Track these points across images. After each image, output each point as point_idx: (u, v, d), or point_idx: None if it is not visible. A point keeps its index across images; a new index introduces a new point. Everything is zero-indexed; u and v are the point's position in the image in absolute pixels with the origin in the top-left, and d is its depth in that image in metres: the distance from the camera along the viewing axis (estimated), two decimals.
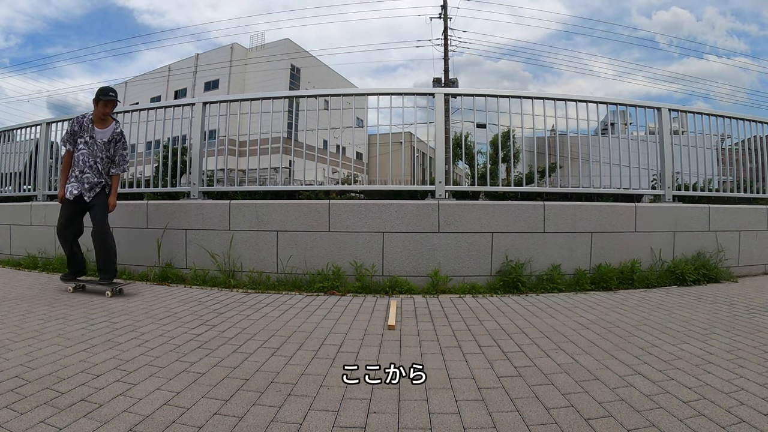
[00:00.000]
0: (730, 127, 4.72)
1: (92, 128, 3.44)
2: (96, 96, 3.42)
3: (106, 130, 3.49)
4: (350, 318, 2.75)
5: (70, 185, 3.40)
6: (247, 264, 3.86)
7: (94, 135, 3.44)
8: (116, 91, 3.53)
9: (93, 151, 3.43)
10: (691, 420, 1.41)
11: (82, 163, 3.41)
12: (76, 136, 3.45)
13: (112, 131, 3.51)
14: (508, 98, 4.08)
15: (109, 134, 3.48)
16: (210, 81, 33.24)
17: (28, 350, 2.04)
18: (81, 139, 3.44)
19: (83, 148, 3.43)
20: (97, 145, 3.44)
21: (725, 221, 4.34)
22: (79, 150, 3.43)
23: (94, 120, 3.46)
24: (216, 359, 1.98)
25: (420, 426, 1.40)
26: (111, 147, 3.50)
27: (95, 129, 3.45)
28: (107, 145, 3.48)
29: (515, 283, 3.54)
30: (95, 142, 3.43)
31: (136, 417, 1.42)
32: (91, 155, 3.42)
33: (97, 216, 3.41)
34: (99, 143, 3.44)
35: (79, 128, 3.45)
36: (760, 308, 2.97)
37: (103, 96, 3.40)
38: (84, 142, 3.43)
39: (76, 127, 3.45)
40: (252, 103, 4.25)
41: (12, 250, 5.04)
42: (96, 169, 3.43)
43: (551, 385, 1.71)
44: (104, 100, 3.40)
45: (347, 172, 4.70)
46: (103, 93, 3.41)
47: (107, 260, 3.40)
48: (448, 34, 21.27)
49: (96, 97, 3.41)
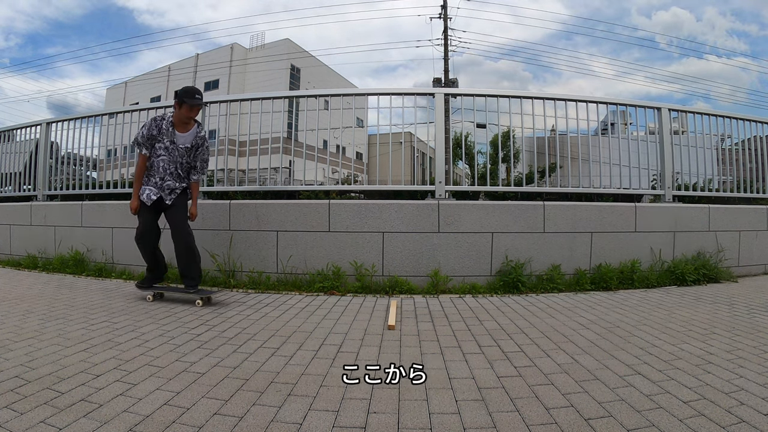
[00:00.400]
0: (730, 127, 4.72)
1: (173, 132, 3.09)
2: (178, 97, 3.02)
3: (188, 134, 3.15)
4: (350, 318, 2.75)
5: (149, 190, 3.10)
6: (247, 264, 3.86)
7: (176, 140, 3.10)
8: (202, 93, 3.14)
9: (174, 158, 3.11)
10: (691, 420, 1.41)
11: (162, 170, 3.10)
12: (154, 141, 3.09)
13: (194, 135, 3.17)
14: (508, 98, 4.09)
15: (191, 139, 3.15)
16: (210, 81, 33.25)
17: (28, 350, 2.04)
18: (160, 144, 3.09)
19: (163, 154, 3.10)
20: (178, 150, 3.12)
21: (725, 221, 4.34)
22: (159, 156, 3.10)
23: (174, 123, 3.10)
24: (216, 359, 1.98)
25: (420, 426, 1.40)
26: (193, 152, 3.19)
27: (176, 133, 3.10)
28: (189, 151, 3.17)
29: (515, 283, 3.54)
30: (176, 148, 3.11)
31: (136, 417, 1.42)
32: (171, 162, 3.11)
33: (178, 218, 3.13)
34: (181, 149, 3.12)
35: (158, 132, 3.08)
36: (760, 308, 2.97)
37: (188, 98, 3.00)
38: (164, 147, 3.09)
39: (155, 131, 3.08)
40: (252, 103, 4.25)
41: (12, 250, 5.04)
42: (177, 175, 3.16)
43: (551, 385, 1.71)
44: (189, 103, 3.01)
45: (347, 172, 4.70)
46: (188, 95, 3.01)
47: (192, 264, 3.12)
48: (448, 34, 21.28)
49: (178, 98, 3.02)
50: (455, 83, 21.09)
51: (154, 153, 3.12)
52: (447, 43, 21.20)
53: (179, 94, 3.03)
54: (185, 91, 3.03)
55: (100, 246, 4.41)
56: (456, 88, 11.99)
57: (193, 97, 3.01)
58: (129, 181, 4.85)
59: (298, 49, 33.91)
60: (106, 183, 4.99)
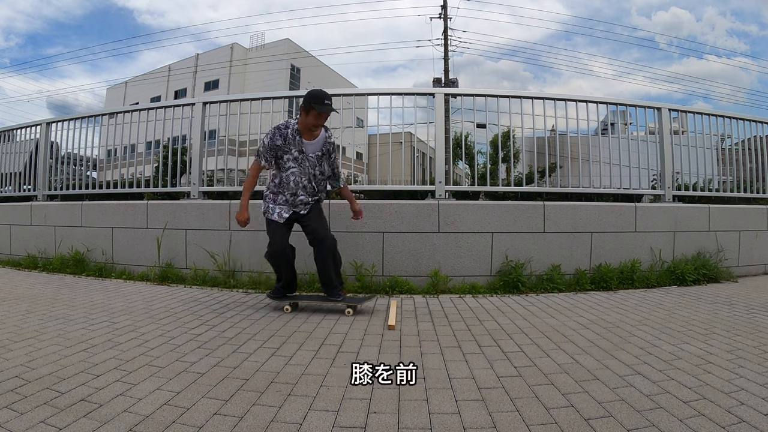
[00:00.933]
0: (730, 127, 4.72)
1: (300, 141, 2.78)
2: (305, 102, 2.70)
3: (317, 141, 2.83)
4: (350, 318, 2.75)
5: (279, 209, 2.84)
6: (247, 264, 3.86)
7: (305, 149, 2.80)
8: (331, 98, 2.74)
9: (305, 169, 2.81)
10: (691, 420, 1.41)
11: (294, 185, 2.81)
12: (279, 151, 2.79)
13: (323, 142, 2.85)
14: (508, 98, 4.08)
15: (320, 146, 2.84)
16: (210, 81, 33.24)
17: (28, 350, 2.04)
18: (287, 156, 2.79)
19: (293, 167, 2.80)
20: (309, 161, 2.81)
21: (725, 221, 4.34)
22: (289, 169, 2.80)
23: (301, 131, 2.79)
24: (216, 359, 1.98)
25: (420, 426, 1.40)
26: (324, 161, 2.89)
27: (304, 141, 2.79)
28: (320, 160, 2.86)
29: (515, 283, 3.54)
30: (306, 158, 2.81)
31: (136, 417, 1.42)
32: (303, 174, 2.81)
33: (317, 224, 2.89)
34: (311, 158, 2.82)
35: (283, 141, 2.77)
36: (760, 308, 2.97)
37: (317, 105, 2.65)
38: (293, 158, 2.79)
39: (279, 140, 2.77)
40: (252, 103, 4.25)
41: (12, 250, 5.04)
42: (310, 189, 2.86)
43: (551, 385, 1.71)
44: (318, 110, 2.67)
45: (347, 172, 4.69)
46: (317, 100, 2.66)
47: (337, 272, 2.95)
48: (448, 34, 21.28)
49: (305, 103, 2.69)
50: (455, 83, 21.09)
51: (282, 166, 2.82)
52: (447, 43, 21.21)
53: (306, 99, 2.70)
54: (313, 96, 2.69)
55: (100, 246, 4.41)
56: (456, 88, 11.99)
57: (322, 103, 2.66)
58: (129, 181, 4.86)
59: (298, 49, 33.89)
60: (106, 183, 4.99)
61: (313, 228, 2.88)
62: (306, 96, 2.73)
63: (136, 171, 4.95)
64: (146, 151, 4.79)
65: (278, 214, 2.84)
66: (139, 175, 4.80)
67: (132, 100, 33.45)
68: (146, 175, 4.65)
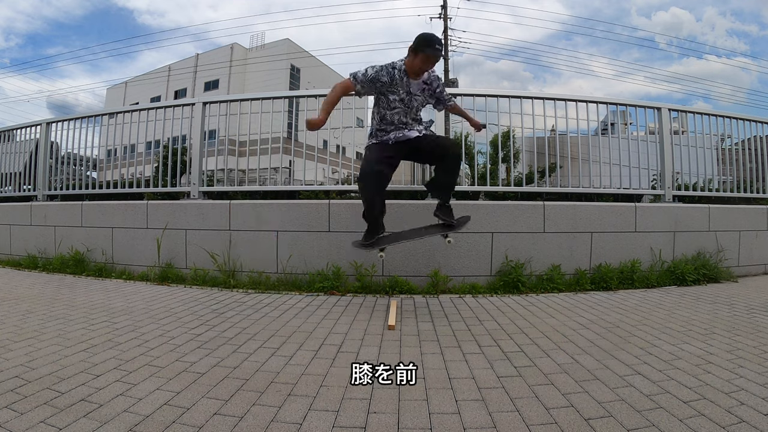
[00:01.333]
0: (730, 127, 4.72)
1: (408, 82, 2.72)
2: (415, 45, 2.61)
3: (421, 79, 2.79)
4: (350, 318, 2.75)
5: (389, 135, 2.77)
6: (247, 264, 3.86)
7: (411, 89, 2.75)
8: (442, 44, 2.72)
9: (411, 109, 2.79)
10: (691, 420, 1.41)
11: (399, 123, 2.78)
12: (383, 88, 2.71)
13: (427, 76, 2.80)
14: (508, 98, 4.08)
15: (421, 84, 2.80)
16: (210, 81, 33.26)
17: (28, 350, 2.04)
18: (393, 96, 2.72)
19: (399, 107, 2.74)
20: (415, 100, 2.79)
21: (725, 221, 4.34)
22: (394, 109, 2.74)
23: (408, 72, 2.71)
24: (216, 359, 1.98)
25: (420, 426, 1.40)
26: (427, 92, 2.85)
27: (411, 82, 2.74)
28: (424, 92, 2.83)
29: (515, 283, 3.54)
30: (413, 98, 2.77)
31: (136, 417, 1.42)
32: (408, 113, 2.78)
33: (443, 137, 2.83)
34: (418, 97, 2.80)
35: (390, 80, 2.69)
36: (760, 308, 2.97)
37: (428, 48, 2.58)
38: (400, 99, 2.73)
39: (385, 77, 2.68)
40: (252, 103, 4.25)
41: (12, 250, 5.04)
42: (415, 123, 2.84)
43: (551, 385, 1.71)
44: (427, 53, 2.59)
45: (347, 172, 4.69)
46: (428, 43, 2.58)
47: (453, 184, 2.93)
48: (448, 34, 21.28)
49: (415, 46, 2.61)
50: (455, 83, 21.07)
51: (387, 105, 2.75)
52: (447, 43, 21.21)
53: (417, 42, 2.61)
54: (424, 39, 2.60)
55: (100, 246, 4.41)
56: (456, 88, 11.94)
57: (433, 46, 2.58)
58: (129, 181, 4.86)
59: (298, 49, 33.90)
60: (106, 183, 4.99)
61: (434, 140, 2.84)
62: (416, 39, 2.64)
63: (136, 171, 4.95)
64: (146, 151, 4.79)
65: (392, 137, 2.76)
66: (139, 175, 4.80)
67: (132, 100, 33.46)
68: (146, 175, 4.65)
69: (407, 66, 2.70)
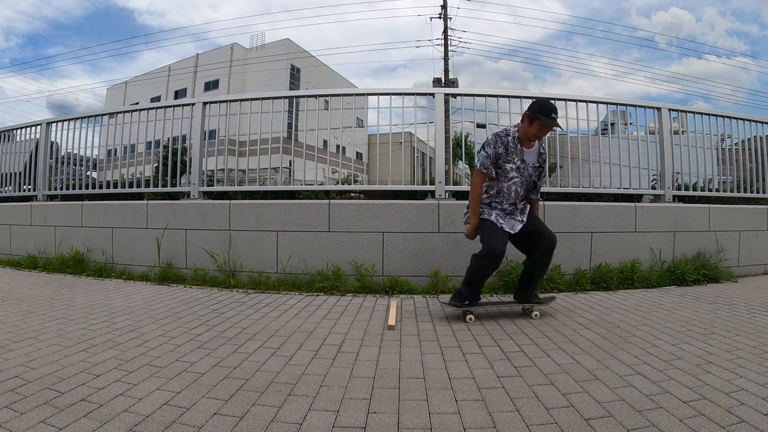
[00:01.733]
0: (730, 127, 4.71)
1: (522, 150, 2.71)
2: (532, 111, 2.61)
3: (533, 150, 2.76)
4: (350, 318, 2.75)
5: (506, 223, 2.71)
6: (247, 264, 3.86)
7: (525, 158, 2.73)
8: (557, 112, 2.66)
9: (525, 179, 2.74)
10: (691, 420, 1.41)
11: (515, 195, 2.73)
12: (500, 160, 2.71)
13: (538, 151, 2.79)
14: (508, 98, 4.08)
15: (536, 156, 2.78)
16: (210, 81, 33.25)
17: (28, 350, 2.04)
18: (510, 165, 2.70)
19: (516, 177, 2.70)
20: (528, 170, 2.75)
21: (725, 221, 4.34)
22: (511, 180, 2.70)
23: (522, 140, 2.71)
24: (216, 359, 1.98)
25: (420, 426, 1.40)
26: (538, 171, 2.82)
27: (525, 150, 2.72)
28: (536, 170, 2.80)
29: (515, 283, 3.53)
30: (527, 168, 2.74)
31: (136, 417, 1.42)
32: (522, 184, 2.74)
33: (545, 228, 2.82)
34: (530, 168, 2.76)
35: (505, 150, 2.69)
36: (760, 308, 2.97)
37: (545, 116, 2.57)
38: (516, 168, 2.70)
39: (501, 149, 2.69)
40: (252, 103, 4.25)
41: (12, 250, 5.04)
42: (525, 197, 2.82)
43: (551, 385, 1.71)
44: (545, 122, 2.58)
45: (347, 172, 4.70)
46: (545, 112, 2.58)
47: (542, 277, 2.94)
48: (448, 34, 21.28)
49: (532, 113, 2.61)
50: (455, 83, 21.10)
51: (505, 176, 2.71)
52: (447, 43, 21.21)
53: (533, 108, 2.62)
54: (541, 106, 2.61)
55: (100, 246, 4.41)
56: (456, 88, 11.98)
57: (549, 116, 2.57)
58: (129, 181, 4.86)
59: (298, 49, 33.89)
60: (106, 183, 4.99)
61: (539, 230, 2.78)
62: (533, 105, 2.65)
63: (136, 171, 4.95)
64: (146, 151, 4.79)
65: (495, 217, 2.71)
66: (139, 175, 4.80)
67: (132, 100, 33.48)
68: (146, 175, 4.65)
69: (521, 133, 2.70)
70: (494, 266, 2.70)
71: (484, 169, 2.71)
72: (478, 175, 2.75)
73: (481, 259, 2.67)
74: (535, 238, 2.77)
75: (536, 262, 2.80)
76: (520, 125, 2.72)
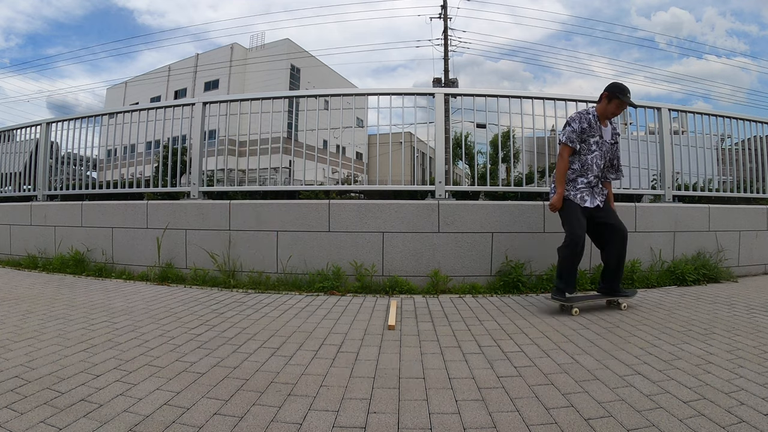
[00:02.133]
0: (730, 127, 4.71)
1: (600, 127, 2.96)
2: (610, 91, 2.90)
3: (608, 129, 3.02)
4: (350, 318, 2.75)
5: (581, 193, 2.93)
6: (247, 264, 3.86)
7: (603, 134, 2.97)
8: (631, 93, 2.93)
9: (603, 153, 2.98)
10: (691, 420, 1.41)
11: (596, 167, 2.95)
12: (584, 134, 2.94)
13: (612, 131, 3.05)
14: (508, 98, 4.08)
15: (610, 134, 3.03)
16: (210, 81, 33.25)
17: (28, 350, 2.04)
18: (593, 139, 2.94)
19: (596, 150, 2.95)
20: (605, 146, 2.98)
21: (725, 221, 4.34)
22: (592, 153, 2.94)
23: (599, 118, 2.97)
24: (216, 359, 1.98)
25: (420, 426, 1.40)
26: (612, 149, 3.06)
27: (602, 128, 2.98)
28: (611, 147, 3.04)
29: (515, 283, 3.54)
30: (605, 143, 2.98)
31: (136, 417, 1.42)
32: (601, 157, 2.97)
33: (618, 220, 3.00)
34: (607, 144, 3.00)
35: (588, 125, 2.93)
36: (760, 308, 2.97)
37: (622, 95, 2.87)
38: (596, 142, 2.95)
39: (585, 124, 2.92)
40: (252, 103, 4.25)
41: (12, 250, 5.04)
42: (602, 174, 3.04)
43: (551, 385, 1.71)
44: (622, 99, 2.87)
45: (347, 172, 4.70)
46: (623, 92, 2.88)
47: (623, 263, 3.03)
48: (448, 34, 21.28)
49: (610, 92, 2.90)
50: (455, 83, 21.09)
51: (588, 149, 2.96)
52: (447, 43, 21.21)
53: (612, 88, 2.91)
54: (620, 88, 2.90)
55: (100, 246, 4.41)
56: (456, 88, 11.97)
57: (626, 94, 2.88)
58: (129, 181, 4.86)
59: (298, 49, 33.89)
60: (106, 183, 4.99)
61: (612, 222, 2.97)
62: (611, 86, 2.93)
63: (136, 171, 4.95)
64: (146, 151, 4.79)
65: (581, 198, 2.92)
66: (139, 175, 4.80)
67: (132, 100, 33.48)
68: (146, 175, 4.65)
69: (599, 111, 2.97)
70: (578, 252, 2.85)
71: (570, 143, 2.92)
72: (564, 148, 2.94)
73: (566, 248, 2.87)
74: (608, 233, 2.98)
75: (614, 258, 2.98)
76: (598, 105, 2.97)
